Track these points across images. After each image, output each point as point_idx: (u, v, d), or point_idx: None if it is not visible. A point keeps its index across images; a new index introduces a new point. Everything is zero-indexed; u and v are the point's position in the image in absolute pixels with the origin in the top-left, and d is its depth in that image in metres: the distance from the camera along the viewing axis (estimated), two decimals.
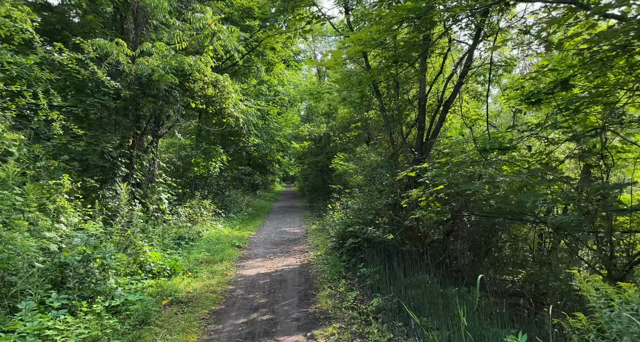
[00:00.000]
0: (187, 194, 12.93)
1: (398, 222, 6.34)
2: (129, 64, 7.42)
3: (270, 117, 12.89)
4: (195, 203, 11.57)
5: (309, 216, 16.79)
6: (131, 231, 6.06)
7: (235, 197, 16.74)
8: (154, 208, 8.98)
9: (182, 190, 12.86)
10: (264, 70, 14.28)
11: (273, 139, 19.30)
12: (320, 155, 20.09)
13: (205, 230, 10.59)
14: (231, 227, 12.33)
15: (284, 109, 13.47)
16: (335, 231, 8.43)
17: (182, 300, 5.26)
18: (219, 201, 14.29)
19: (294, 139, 28.25)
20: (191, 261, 7.37)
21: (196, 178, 14.41)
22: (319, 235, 10.93)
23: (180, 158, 13.73)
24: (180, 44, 7.71)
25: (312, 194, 24.40)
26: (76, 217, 5.65)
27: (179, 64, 7.54)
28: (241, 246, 9.50)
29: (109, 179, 8.59)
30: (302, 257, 8.29)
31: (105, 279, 4.94)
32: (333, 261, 7.52)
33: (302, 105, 28.19)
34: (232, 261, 7.83)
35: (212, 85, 8.03)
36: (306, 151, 25.42)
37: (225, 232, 11.23)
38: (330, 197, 18.34)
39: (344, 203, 8.73)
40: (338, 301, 5.26)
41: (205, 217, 11.59)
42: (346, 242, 7.71)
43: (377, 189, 7.32)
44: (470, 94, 7.17)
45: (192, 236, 9.12)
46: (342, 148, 17.59)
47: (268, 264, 7.69)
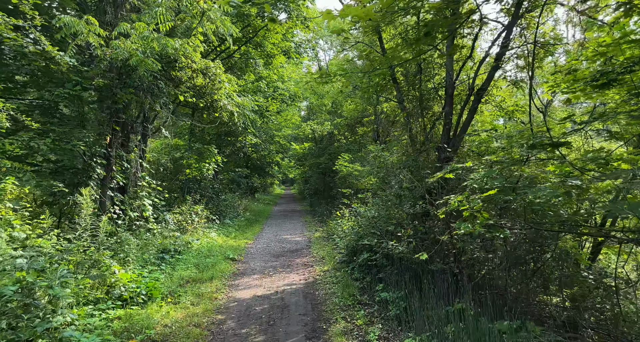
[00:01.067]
0: (178, 198, 11.77)
1: (426, 235, 5.19)
2: (102, 47, 6.28)
3: (269, 114, 11.77)
4: (185, 209, 10.40)
5: (311, 222, 15.63)
6: (96, 246, 4.88)
7: (232, 201, 15.57)
8: (135, 216, 7.81)
9: (171, 195, 11.70)
10: (263, 64, 13.16)
11: (272, 139, 18.15)
12: (322, 157, 18.94)
13: (196, 240, 9.41)
14: (226, 235, 11.15)
15: (284, 105, 12.33)
16: (344, 243, 7.27)
17: (156, 339, 4.08)
18: (213, 206, 13.12)
19: (293, 140, 27.14)
20: (175, 280, 6.19)
21: (189, 181, 13.26)
22: (324, 244, 9.77)
23: (172, 160, 12.57)
24: (164, 24, 6.57)
25: (313, 198, 23.25)
26: (25, 232, 4.48)
27: (161, 47, 6.39)
28: (236, 259, 8.32)
29: (82, 183, 7.43)
30: (307, 274, 7.12)
31: (54, 314, 3.77)
32: (344, 279, 6.36)
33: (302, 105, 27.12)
34: (224, 279, 6.65)
35: (202, 73, 6.90)
36: (307, 152, 24.30)
37: (219, 242, 10.06)
38: (333, 201, 17.21)
39: (354, 210, 7.56)
40: (357, 340, 4.09)
41: (197, 225, 10.43)
42: (359, 257, 6.56)
43: (395, 194, 6.17)
44: (506, 80, 6.06)
45: (179, 247, 7.94)
46: (347, 149, 16.46)
47: (266, 283, 6.52)
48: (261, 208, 20.94)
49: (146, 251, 6.93)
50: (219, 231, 11.43)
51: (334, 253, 8.63)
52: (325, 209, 16.84)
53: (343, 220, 9.00)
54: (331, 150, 18.27)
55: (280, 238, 11.35)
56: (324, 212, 16.27)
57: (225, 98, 7.31)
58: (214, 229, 11.34)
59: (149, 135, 10.46)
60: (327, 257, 8.25)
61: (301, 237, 11.63)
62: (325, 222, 14.46)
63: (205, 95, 7.26)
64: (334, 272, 7.00)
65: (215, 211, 12.98)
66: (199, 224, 10.52)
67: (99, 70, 6.71)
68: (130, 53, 6.22)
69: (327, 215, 15.42)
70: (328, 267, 7.36)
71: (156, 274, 6.20)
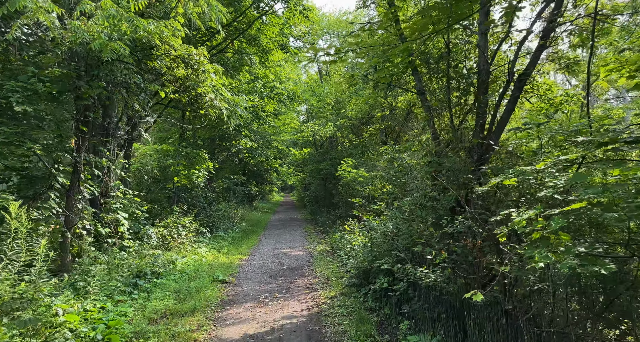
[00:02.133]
0: (165, 210, 10.59)
1: (462, 257, 4.01)
2: (57, 29, 5.16)
3: (266, 115, 10.65)
4: (171, 221, 9.21)
5: (312, 232, 14.44)
6: (33, 278, 3.68)
7: (227, 210, 14.36)
8: (106, 232, 6.62)
9: (158, 205, 10.52)
10: (258, 61, 12.05)
11: (270, 144, 17.02)
12: (323, 162, 17.81)
13: (181, 257, 8.21)
14: (217, 251, 9.94)
15: (281, 106, 11.22)
16: (355, 263, 6.08)
17: None
18: (205, 217, 11.93)
19: (292, 146, 26.03)
20: (147, 314, 4.99)
21: (179, 190, 12.09)
22: (328, 261, 8.57)
23: (160, 167, 11.42)
24: (137, 2, 5.46)
25: (313, 206, 22.06)
26: None
27: (132, 28, 5.28)
28: (226, 281, 7.11)
29: (43, 194, 6.27)
30: (310, 301, 5.92)
31: None
32: (356, 309, 5.16)
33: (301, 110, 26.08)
34: (209, 310, 5.44)
35: (183, 62, 5.78)
36: (306, 158, 23.13)
37: (209, 259, 8.85)
38: (336, 209, 16.03)
39: (367, 223, 6.39)
40: None
41: (184, 239, 9.24)
42: (374, 282, 5.37)
43: (417, 204, 5.01)
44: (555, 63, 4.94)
45: (159, 268, 6.74)
46: (349, 153, 15.33)
47: (261, 315, 5.32)
48: (259, 217, 19.74)
49: (116, 276, 5.73)
50: (210, 245, 10.23)
51: (341, 272, 7.44)
52: (327, 218, 15.65)
53: (352, 234, 7.79)
54: (333, 155, 17.14)
55: (278, 252, 10.14)
56: (326, 222, 15.07)
57: (212, 92, 6.18)
58: (204, 243, 10.14)
59: (135, 140, 9.36)
60: (333, 278, 7.05)
61: (302, 250, 10.43)
62: (327, 232, 13.26)
63: (188, 90, 6.13)
64: (342, 299, 5.81)
65: (207, 222, 11.79)
66: (186, 239, 9.33)
67: (57, 58, 5.58)
68: (93, 35, 5.11)
69: (330, 225, 14.23)
70: (335, 292, 6.16)
71: (124, 307, 5.00)
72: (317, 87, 18.28)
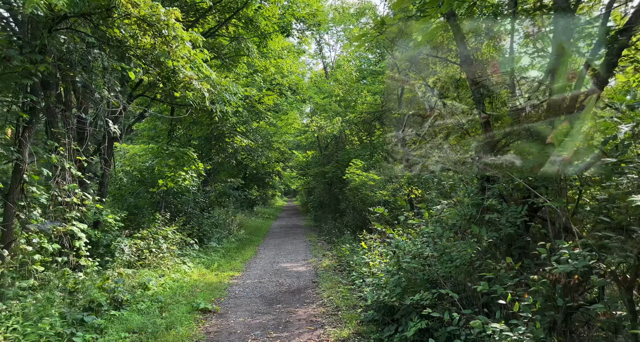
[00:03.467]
0: (148, 218, 9.17)
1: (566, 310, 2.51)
2: None
3: (265, 108, 9.23)
4: (150, 232, 7.77)
5: (316, 242, 12.96)
6: None
7: (221, 217, 12.90)
8: (55, 248, 5.18)
9: (133, 214, 9.12)
10: (257, 50, 10.66)
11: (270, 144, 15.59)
12: (328, 165, 16.36)
13: (159, 276, 6.77)
14: (206, 266, 8.48)
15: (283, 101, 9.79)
16: (375, 296, 4.57)
17: None
18: (195, 226, 10.49)
19: (295, 149, 24.64)
20: None
21: (167, 195, 10.68)
22: (337, 281, 7.08)
23: (140, 169, 10.04)
24: None
25: (317, 211, 20.58)
26: None
27: None
28: (209, 309, 5.64)
29: None
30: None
31: None
32: None
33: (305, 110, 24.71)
34: None
35: (149, 26, 4.37)
36: (310, 161, 21.68)
37: (194, 277, 7.40)
38: (342, 216, 14.54)
39: (391, 240, 4.88)
40: None
41: (165, 253, 7.79)
42: (403, 321, 3.89)
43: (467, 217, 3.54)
44: None
45: (122, 294, 5.28)
46: (357, 155, 13.87)
47: None
48: (259, 224, 18.29)
49: (54, 311, 4.27)
50: (197, 259, 8.77)
51: (353, 298, 5.95)
52: (333, 226, 14.16)
53: (371, 253, 6.28)
54: (339, 157, 15.68)
55: (277, 268, 8.67)
56: (332, 230, 13.59)
57: (189, 68, 4.77)
58: (191, 257, 8.68)
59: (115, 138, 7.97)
60: (344, 307, 5.56)
61: (305, 265, 8.95)
62: (333, 243, 11.77)
63: (160, 64, 4.72)
64: (358, 340, 4.32)
65: (197, 231, 10.34)
66: (168, 252, 7.88)
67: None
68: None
69: (336, 234, 12.74)
70: (348, 331, 4.66)
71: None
72: (323, 82, 16.85)
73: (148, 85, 8.99)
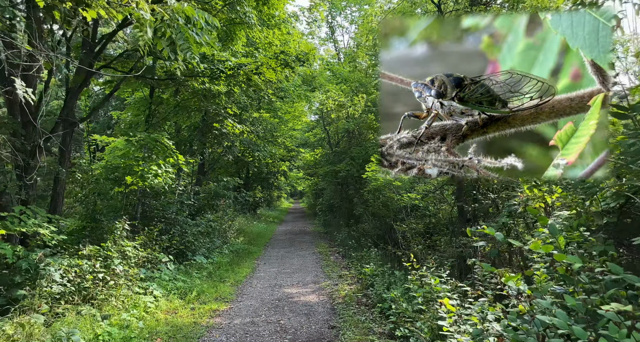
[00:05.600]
0: (108, 227, 6.94)
1: None
2: None
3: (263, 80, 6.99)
4: (95, 250, 5.49)
5: (328, 253, 10.68)
6: None
7: (219, 223, 10.62)
8: None
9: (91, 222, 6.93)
10: (256, 16, 8.40)
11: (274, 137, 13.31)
12: (341, 163, 14.05)
13: (101, 319, 4.51)
14: (181, 295, 6.19)
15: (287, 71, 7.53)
16: None
17: None
18: (176, 236, 8.23)
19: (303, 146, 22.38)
20: None
21: (145, 197, 8.49)
22: (366, 327, 4.74)
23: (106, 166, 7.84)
24: None
25: (327, 216, 18.28)
26: None
27: None
28: None
29: None
30: None
31: None
32: None
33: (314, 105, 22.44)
34: None
35: None
36: (319, 159, 19.39)
37: (158, 316, 5.12)
38: (357, 223, 12.20)
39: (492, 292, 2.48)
40: None
41: (121, 278, 5.52)
42: None
43: None
44: None
45: None
46: (376, 150, 11.55)
47: None
48: (262, 229, 16.05)
49: None
50: (172, 283, 6.48)
51: None
52: (348, 234, 11.83)
53: (416, 285, 3.87)
54: (354, 153, 13.35)
55: (279, 296, 6.36)
56: (346, 240, 11.25)
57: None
58: (162, 281, 6.39)
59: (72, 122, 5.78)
60: None
61: (316, 292, 6.64)
62: (350, 257, 9.45)
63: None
64: None
65: (178, 243, 8.07)
66: (125, 277, 5.60)
67: None
68: None
69: (353, 245, 10.41)
70: None
71: None
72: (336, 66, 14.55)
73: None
